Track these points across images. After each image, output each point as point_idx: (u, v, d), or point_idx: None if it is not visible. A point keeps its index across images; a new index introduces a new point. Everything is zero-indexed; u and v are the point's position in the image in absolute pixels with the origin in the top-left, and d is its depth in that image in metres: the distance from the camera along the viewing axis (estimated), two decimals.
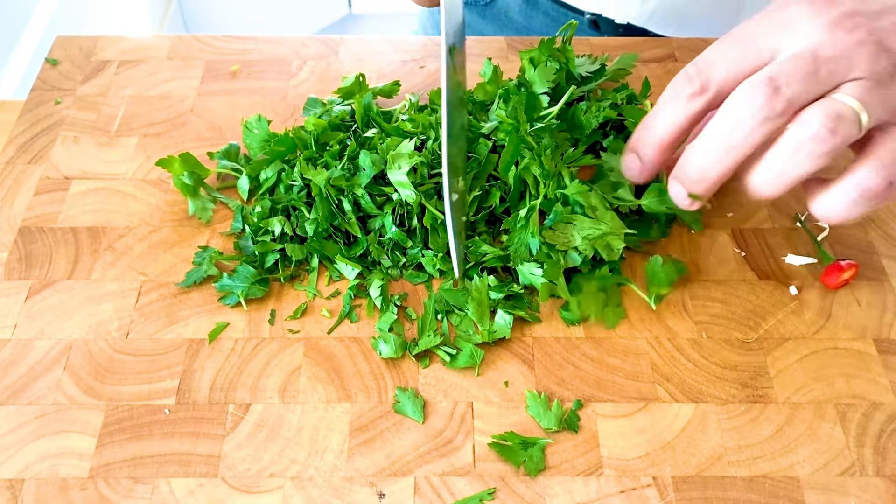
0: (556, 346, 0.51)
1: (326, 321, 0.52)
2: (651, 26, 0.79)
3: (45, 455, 0.46)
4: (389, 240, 0.54)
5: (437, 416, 0.48)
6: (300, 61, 0.68)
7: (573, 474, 0.46)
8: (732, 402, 0.49)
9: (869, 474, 0.46)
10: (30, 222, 0.57)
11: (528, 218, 0.51)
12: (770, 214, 0.58)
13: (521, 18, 0.84)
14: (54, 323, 0.51)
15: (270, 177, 0.57)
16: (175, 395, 0.48)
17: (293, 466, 0.46)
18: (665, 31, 0.78)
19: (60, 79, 0.66)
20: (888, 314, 0.53)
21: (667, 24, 0.78)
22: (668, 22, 0.78)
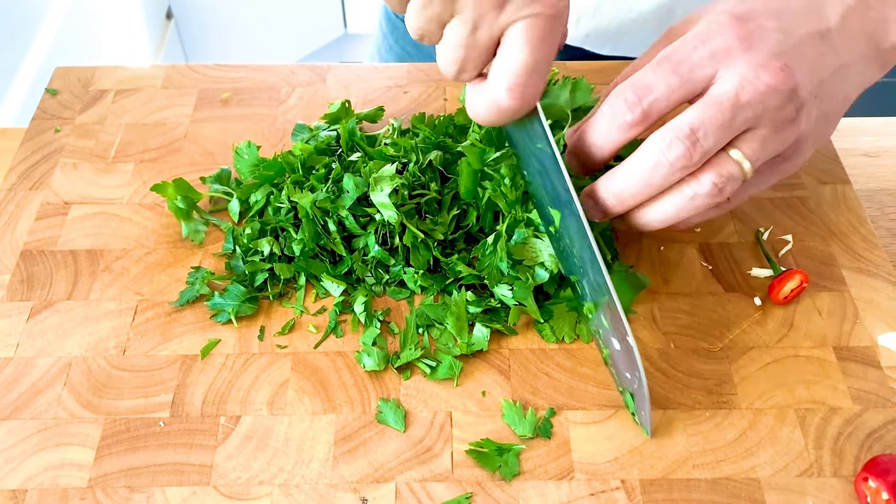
0: (532, 357, 0.54)
1: (313, 336, 0.55)
2: (587, 46, 0.80)
3: (46, 466, 0.49)
4: (373, 258, 0.57)
5: (418, 425, 0.51)
6: (289, 88, 0.71)
7: (546, 478, 0.48)
8: (698, 409, 0.51)
9: (826, 475, 0.49)
10: (31, 246, 0.59)
11: (495, 244, 0.54)
12: (736, 229, 0.61)
13: None
14: (55, 342, 0.54)
15: (260, 200, 0.60)
16: (169, 409, 0.51)
17: (281, 475, 0.48)
18: (601, 51, 0.80)
19: (60, 108, 0.70)
20: (847, 323, 0.56)
21: (602, 44, 0.79)
22: (604, 42, 0.79)
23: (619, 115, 0.46)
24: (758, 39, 0.45)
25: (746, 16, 0.46)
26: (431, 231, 0.56)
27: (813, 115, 0.47)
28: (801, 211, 0.62)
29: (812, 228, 0.61)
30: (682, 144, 0.44)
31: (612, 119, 0.47)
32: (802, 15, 0.47)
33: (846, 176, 0.65)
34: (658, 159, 0.45)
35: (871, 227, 0.61)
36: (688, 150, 0.44)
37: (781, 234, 0.61)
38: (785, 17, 0.46)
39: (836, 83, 0.48)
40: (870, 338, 0.55)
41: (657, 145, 0.45)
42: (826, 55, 0.47)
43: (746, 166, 0.46)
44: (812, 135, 0.49)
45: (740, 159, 0.46)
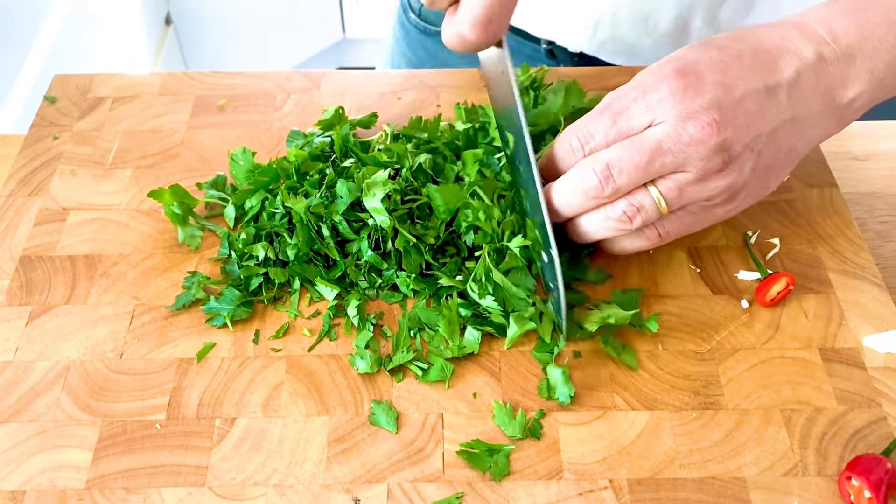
0: (522, 360, 0.55)
1: (307, 340, 0.56)
2: (603, 56, 0.82)
3: (44, 468, 0.49)
4: (366, 262, 0.58)
5: (410, 426, 0.52)
6: (284, 95, 0.72)
7: (535, 478, 0.49)
8: (685, 409, 0.52)
9: (811, 474, 0.49)
10: (30, 251, 0.60)
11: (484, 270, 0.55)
12: (724, 233, 0.62)
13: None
14: (53, 345, 0.55)
15: (255, 205, 0.61)
16: (166, 411, 0.52)
17: (275, 475, 0.49)
18: (616, 61, 0.82)
19: (58, 115, 0.71)
20: (833, 325, 0.57)
21: (617, 53, 0.81)
22: (619, 52, 0.81)
23: (565, 158, 0.53)
24: (693, 93, 0.48)
25: (687, 68, 0.48)
26: (423, 235, 0.57)
27: (747, 167, 0.49)
28: (789, 214, 0.63)
29: (799, 231, 0.62)
30: (596, 177, 0.49)
31: (560, 160, 0.53)
32: (751, 70, 0.49)
33: (833, 179, 0.66)
34: (576, 186, 0.51)
35: (857, 230, 0.62)
36: (600, 183, 0.49)
37: (769, 238, 0.62)
38: (731, 73, 0.49)
39: (781, 137, 0.50)
40: (855, 339, 0.56)
41: (577, 173, 0.51)
42: (770, 109, 0.49)
43: (662, 204, 0.50)
44: (750, 184, 0.51)
45: (656, 196, 0.50)
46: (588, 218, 0.53)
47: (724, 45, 0.50)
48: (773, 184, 0.54)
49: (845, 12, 0.51)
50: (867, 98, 0.52)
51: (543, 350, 0.55)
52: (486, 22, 0.51)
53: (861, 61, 0.51)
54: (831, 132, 0.54)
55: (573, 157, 0.52)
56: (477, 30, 0.51)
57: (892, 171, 0.72)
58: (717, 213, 0.53)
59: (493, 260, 0.55)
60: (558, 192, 0.52)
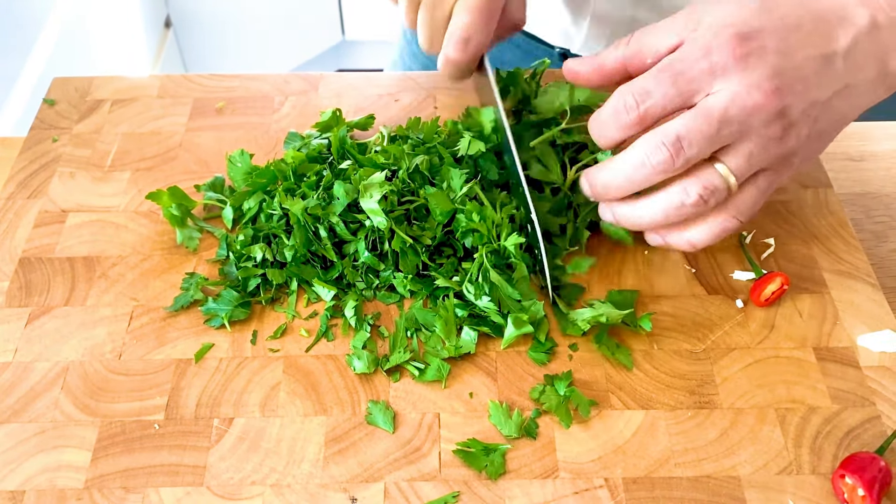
0: (518, 360, 0.55)
1: (305, 340, 0.56)
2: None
3: (43, 468, 0.50)
4: (363, 263, 0.58)
5: (407, 426, 0.52)
6: (282, 97, 0.73)
7: (531, 477, 0.50)
8: (680, 409, 0.53)
9: (805, 473, 0.50)
10: (29, 253, 0.61)
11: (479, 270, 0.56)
12: None
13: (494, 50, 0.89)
14: (52, 346, 0.56)
15: (252, 207, 0.61)
16: (164, 412, 0.52)
17: (272, 475, 0.50)
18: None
19: (57, 118, 0.71)
20: (827, 324, 0.57)
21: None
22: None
23: (618, 115, 0.50)
24: (755, 60, 0.47)
25: (749, 35, 0.48)
26: (420, 236, 0.57)
27: (803, 133, 0.49)
28: (784, 214, 0.64)
29: (794, 232, 0.63)
30: (666, 150, 0.48)
31: (612, 117, 0.50)
32: (810, 37, 0.49)
33: (828, 180, 0.66)
34: (643, 160, 0.49)
35: (852, 230, 0.63)
36: (671, 156, 0.48)
37: (764, 238, 0.62)
38: (790, 39, 0.48)
39: (835, 104, 0.50)
40: (849, 338, 0.56)
41: (644, 147, 0.49)
42: (826, 76, 0.49)
43: (732, 180, 0.49)
44: (802, 151, 0.51)
45: (725, 173, 0.49)
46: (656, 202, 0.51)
47: (784, 14, 0.50)
48: (821, 150, 0.53)
49: None
50: None
51: (540, 350, 0.55)
52: (465, 40, 0.58)
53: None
54: (879, 98, 0.53)
55: (626, 116, 0.50)
56: (458, 48, 0.58)
57: (889, 172, 0.72)
58: (778, 181, 0.52)
59: (489, 261, 0.55)
60: (618, 169, 0.50)
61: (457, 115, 0.70)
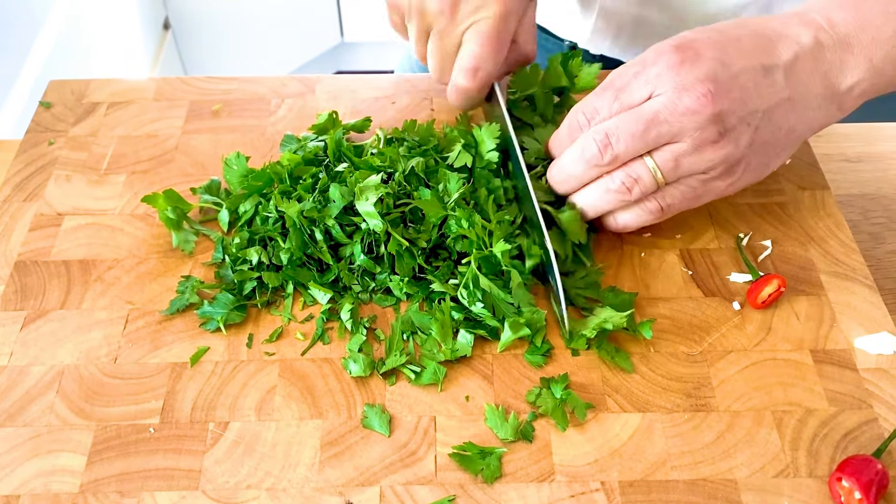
0: (514, 362, 0.55)
1: (300, 343, 0.56)
2: (624, 59, 0.83)
3: (38, 473, 0.50)
4: (359, 266, 0.58)
5: (403, 429, 0.52)
6: (279, 100, 0.73)
7: (527, 481, 0.49)
8: (677, 411, 0.52)
9: (802, 476, 0.50)
10: (25, 256, 0.61)
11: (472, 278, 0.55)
12: (716, 235, 0.62)
13: None
14: (48, 350, 0.55)
15: (248, 209, 0.61)
16: (159, 415, 0.52)
17: (268, 479, 0.49)
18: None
19: (54, 121, 0.71)
20: (824, 326, 0.57)
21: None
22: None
23: (573, 132, 0.56)
24: (689, 66, 0.50)
25: (684, 45, 0.51)
26: (415, 239, 0.57)
27: (742, 140, 0.51)
28: (781, 216, 0.64)
29: (791, 234, 0.62)
30: (595, 146, 0.53)
31: (568, 135, 0.56)
32: (749, 51, 0.51)
33: (825, 181, 0.66)
34: (578, 155, 0.54)
35: (849, 232, 0.62)
36: (599, 151, 0.52)
37: (761, 240, 0.62)
38: (728, 51, 0.51)
39: (779, 115, 0.52)
40: (846, 341, 0.56)
41: (579, 143, 0.54)
42: (766, 87, 0.51)
43: (658, 175, 0.53)
44: (748, 159, 0.53)
45: (652, 168, 0.52)
46: (588, 190, 0.56)
47: (723, 29, 0.53)
48: (774, 163, 0.55)
49: (843, 3, 0.54)
50: (866, 86, 0.54)
51: (536, 353, 0.55)
52: (474, 69, 0.59)
53: (859, 50, 0.53)
54: (833, 118, 0.55)
55: (579, 132, 0.55)
56: (467, 76, 0.59)
57: (886, 173, 0.72)
58: (718, 187, 0.54)
59: (484, 267, 0.55)
60: (562, 164, 0.56)
61: (453, 117, 0.69)
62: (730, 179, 0.54)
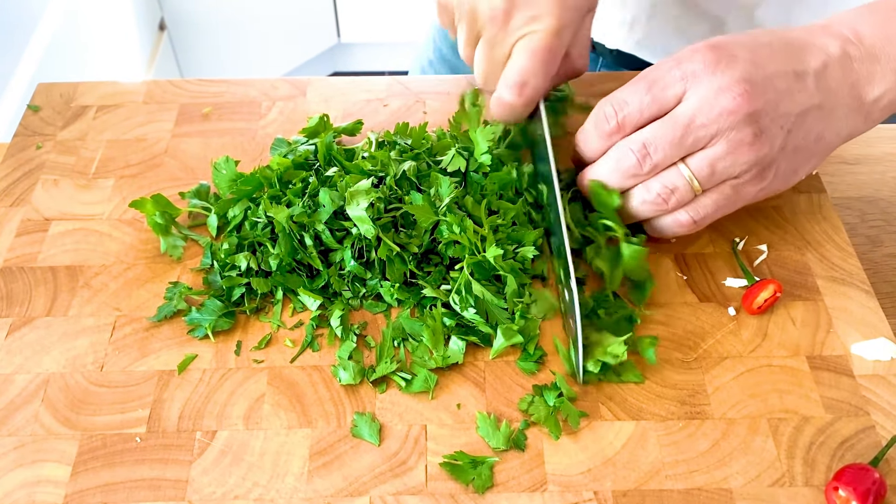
0: (507, 370, 0.54)
1: (290, 350, 0.55)
2: (639, 54, 0.82)
3: (22, 483, 0.49)
4: (349, 272, 0.57)
5: (393, 438, 0.51)
6: (269, 102, 0.72)
7: (519, 490, 0.49)
8: (671, 419, 0.52)
9: (798, 484, 0.49)
10: (11, 262, 0.60)
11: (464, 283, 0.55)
12: (712, 239, 0.61)
13: None
14: (33, 358, 0.55)
15: (238, 214, 0.60)
16: (146, 424, 0.51)
17: (256, 489, 0.49)
18: (653, 60, 0.82)
19: (42, 124, 0.70)
20: (821, 332, 0.56)
21: (654, 54, 0.81)
22: (655, 52, 0.81)
23: (599, 125, 0.54)
24: (725, 66, 0.50)
25: (720, 45, 0.51)
26: (407, 244, 0.56)
27: (776, 142, 0.50)
28: (777, 220, 0.63)
29: (787, 238, 0.62)
30: (633, 156, 0.52)
31: (594, 128, 0.55)
32: (780, 55, 0.51)
33: (822, 185, 0.66)
34: (613, 166, 0.53)
35: (845, 236, 0.62)
36: (638, 162, 0.52)
37: (757, 244, 0.61)
38: (761, 53, 0.51)
39: (809, 121, 0.51)
40: (843, 346, 0.55)
41: (615, 154, 0.53)
42: (798, 92, 0.51)
43: (695, 184, 0.52)
44: (779, 163, 0.52)
45: (688, 176, 0.52)
46: (627, 198, 0.55)
47: (754, 35, 0.53)
48: (802, 170, 0.55)
49: (870, 17, 0.54)
50: (893, 96, 0.54)
51: (528, 360, 0.54)
52: (521, 84, 0.56)
53: (885, 62, 0.53)
54: (859, 129, 0.55)
55: (606, 125, 0.53)
56: (513, 92, 0.56)
57: (883, 176, 0.71)
58: (749, 192, 0.54)
59: (477, 273, 0.54)
60: (597, 173, 0.55)
61: (446, 119, 0.69)
62: (761, 184, 0.53)
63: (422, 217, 0.56)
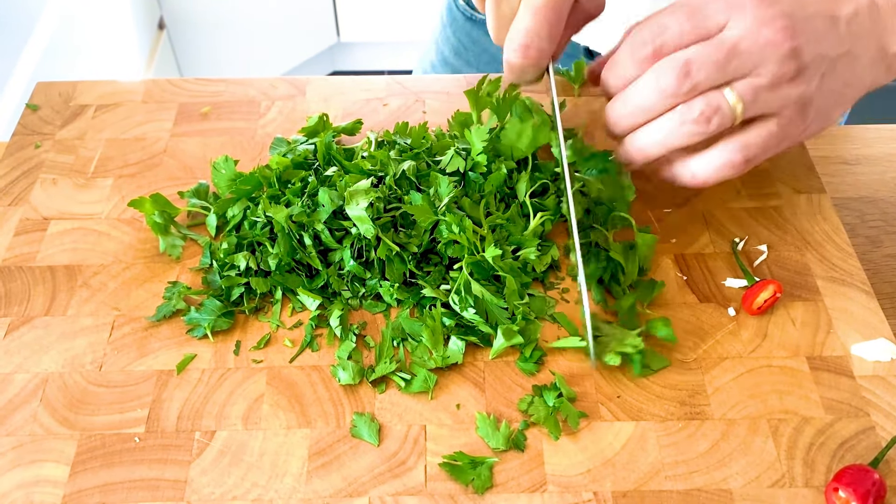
0: (506, 370, 0.54)
1: (289, 350, 0.55)
2: None
3: (20, 484, 0.49)
4: (349, 272, 0.57)
5: (392, 438, 0.51)
6: (269, 102, 0.72)
7: (518, 491, 0.49)
8: (671, 420, 0.52)
9: (798, 485, 0.49)
10: (9, 262, 0.60)
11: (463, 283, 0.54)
12: (712, 239, 0.61)
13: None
14: (31, 357, 0.54)
15: (237, 214, 0.60)
16: (145, 424, 0.51)
17: (255, 490, 0.49)
18: None
19: (40, 123, 0.70)
20: (821, 333, 0.56)
21: None
22: None
23: (634, 51, 0.51)
24: (770, 1, 0.49)
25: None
26: (406, 244, 0.56)
27: (815, 81, 0.50)
28: (777, 220, 0.63)
29: (787, 238, 0.62)
30: (674, 73, 0.49)
31: (628, 54, 0.52)
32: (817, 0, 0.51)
33: (822, 185, 0.65)
34: (652, 85, 0.50)
35: (845, 237, 0.62)
36: (678, 79, 0.49)
37: (757, 244, 0.61)
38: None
39: (840, 66, 0.52)
40: (843, 347, 0.55)
41: (654, 72, 0.50)
42: (832, 36, 0.51)
43: (739, 108, 0.50)
44: (817, 102, 0.52)
45: (733, 100, 0.49)
46: (660, 122, 0.51)
47: None
48: (834, 114, 0.54)
49: None
50: None
51: (528, 361, 0.54)
52: (525, 46, 0.54)
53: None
54: (881, 80, 0.55)
55: (643, 50, 0.51)
56: (518, 54, 0.54)
57: (883, 176, 0.71)
58: (794, 132, 0.53)
59: (476, 273, 0.54)
60: (629, 96, 0.52)
61: (445, 119, 0.68)
62: (803, 124, 0.52)
63: (421, 217, 0.56)
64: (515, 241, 0.57)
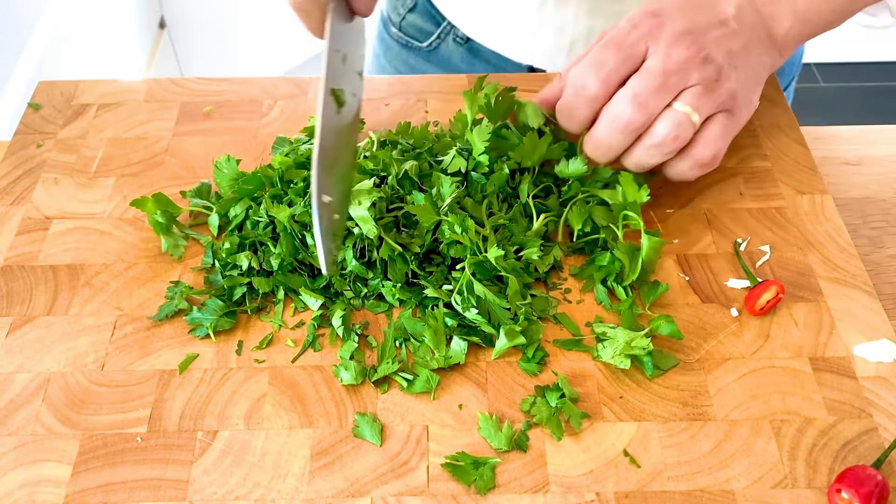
0: (509, 370, 0.54)
1: (291, 350, 0.55)
2: None
3: (22, 483, 0.49)
4: (351, 272, 0.57)
5: (394, 438, 0.51)
6: (271, 101, 0.72)
7: (521, 492, 0.48)
8: (673, 420, 0.52)
9: (801, 486, 0.49)
10: (11, 261, 0.60)
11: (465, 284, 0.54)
12: (714, 240, 0.61)
13: (464, 65, 0.88)
14: (33, 357, 0.54)
15: (239, 214, 0.60)
16: (147, 424, 0.51)
17: (257, 490, 0.49)
18: None
19: (42, 122, 0.70)
20: (823, 334, 0.56)
21: None
22: None
23: (582, 93, 0.57)
24: (669, 26, 0.56)
25: (657, 12, 0.57)
26: (409, 244, 0.56)
27: (733, 76, 0.56)
28: (779, 221, 0.63)
29: (789, 239, 0.62)
30: (629, 109, 0.55)
31: (578, 97, 0.57)
32: (703, 10, 0.57)
33: (824, 186, 0.65)
34: (613, 125, 0.56)
35: (848, 237, 0.62)
36: (634, 113, 0.55)
37: (759, 245, 0.61)
38: (689, 12, 0.57)
39: (744, 57, 0.58)
40: (845, 348, 0.55)
41: (610, 114, 0.56)
42: (729, 35, 0.57)
43: (691, 113, 0.55)
44: (741, 91, 0.57)
45: (686, 110, 0.55)
46: (633, 152, 0.57)
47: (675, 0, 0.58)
48: (755, 97, 0.60)
49: None
50: (797, 31, 0.60)
51: (530, 361, 0.54)
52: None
53: (783, 2, 0.60)
54: (777, 63, 0.61)
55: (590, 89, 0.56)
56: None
57: (885, 176, 0.71)
58: (736, 120, 0.58)
59: (478, 273, 0.54)
60: (597, 138, 0.57)
61: (447, 119, 0.68)
62: (738, 110, 0.58)
63: (423, 217, 0.56)
64: (518, 241, 0.57)
